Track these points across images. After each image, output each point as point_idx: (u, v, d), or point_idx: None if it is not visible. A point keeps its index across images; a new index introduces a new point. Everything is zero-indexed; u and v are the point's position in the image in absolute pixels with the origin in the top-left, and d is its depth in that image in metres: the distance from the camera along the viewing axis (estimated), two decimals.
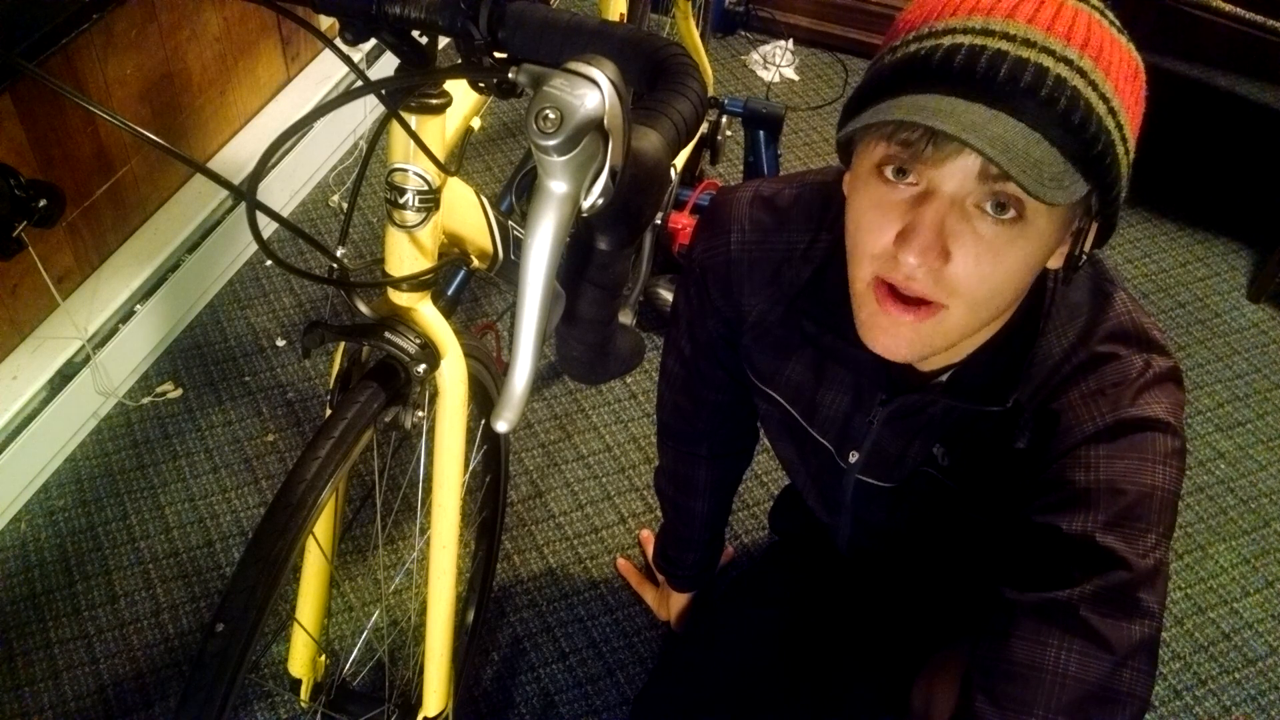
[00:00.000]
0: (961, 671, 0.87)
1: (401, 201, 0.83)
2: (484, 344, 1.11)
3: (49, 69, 1.40)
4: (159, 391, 1.70)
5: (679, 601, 1.43)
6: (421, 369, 0.89)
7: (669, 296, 1.81)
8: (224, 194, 1.81)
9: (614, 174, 0.58)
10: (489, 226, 1.03)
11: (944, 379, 0.87)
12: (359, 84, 0.67)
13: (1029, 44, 0.66)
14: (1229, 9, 1.94)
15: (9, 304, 1.49)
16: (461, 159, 0.95)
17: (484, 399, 1.12)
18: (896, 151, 0.70)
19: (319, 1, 0.72)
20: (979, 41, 0.66)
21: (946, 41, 0.67)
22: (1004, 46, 0.66)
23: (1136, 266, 2.15)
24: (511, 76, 0.66)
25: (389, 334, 0.88)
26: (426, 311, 0.91)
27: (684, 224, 1.84)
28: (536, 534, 1.58)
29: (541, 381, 1.79)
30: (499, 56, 0.70)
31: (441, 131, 0.82)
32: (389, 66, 1.53)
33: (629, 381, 1.81)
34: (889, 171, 0.71)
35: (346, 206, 1.20)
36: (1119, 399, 0.79)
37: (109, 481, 1.58)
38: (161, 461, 1.61)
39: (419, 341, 0.89)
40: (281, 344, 1.80)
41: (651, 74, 0.66)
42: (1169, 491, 0.79)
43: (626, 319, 1.75)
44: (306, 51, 2.05)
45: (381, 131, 0.82)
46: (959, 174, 0.68)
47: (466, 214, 0.99)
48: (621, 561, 1.55)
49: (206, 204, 1.79)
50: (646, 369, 1.82)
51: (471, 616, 1.34)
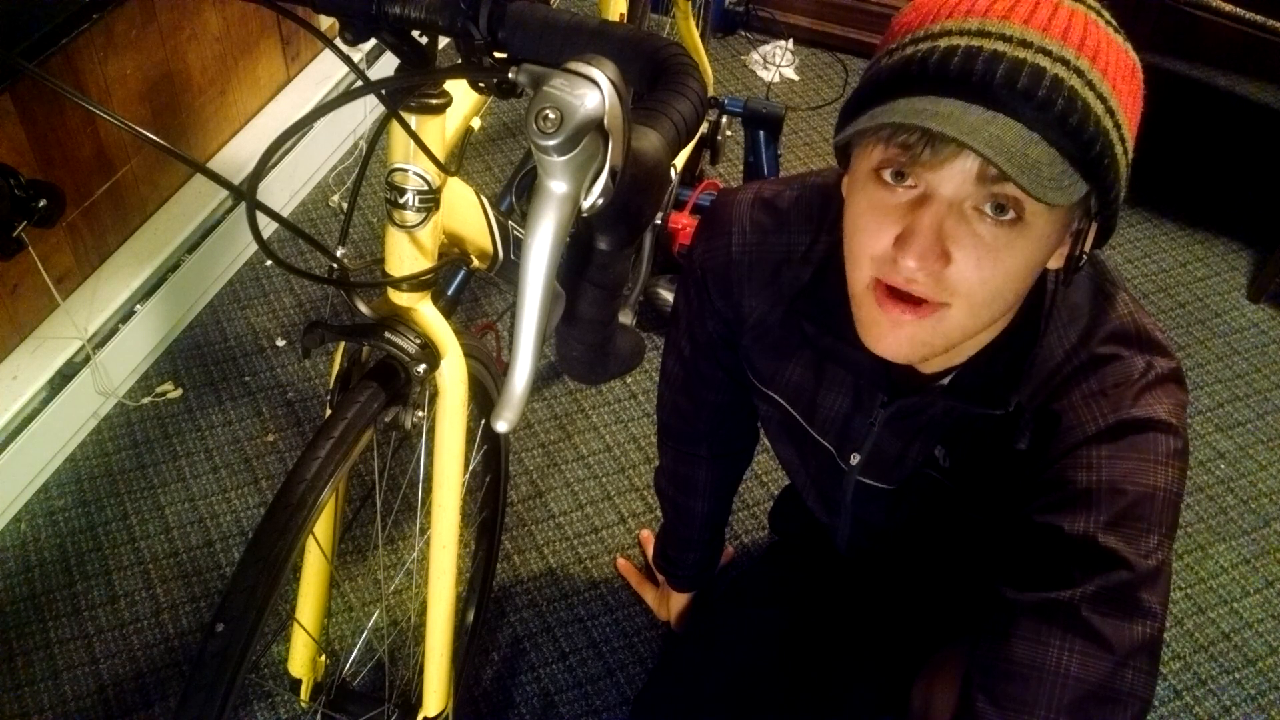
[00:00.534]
0: (961, 671, 0.87)
1: (401, 201, 0.83)
2: (484, 344, 1.10)
3: (49, 69, 1.40)
4: (159, 391, 1.70)
5: (679, 601, 1.43)
6: (421, 369, 0.89)
7: (669, 296, 1.81)
8: (224, 194, 1.81)
9: (614, 174, 0.58)
10: (489, 226, 1.03)
11: (945, 382, 0.87)
12: (359, 84, 0.67)
13: (1025, 45, 0.65)
14: (1229, 9, 1.94)
15: (9, 304, 1.49)
16: (461, 159, 0.95)
17: (484, 399, 1.12)
18: (894, 154, 0.69)
19: (319, 1, 0.72)
20: (975, 43, 0.66)
21: (943, 43, 0.67)
22: (1000, 48, 0.65)
23: (1136, 266, 2.14)
24: (511, 76, 0.66)
25: (389, 334, 0.88)
26: (426, 311, 0.91)
27: (684, 224, 1.84)
28: (536, 534, 1.58)
29: (541, 381, 1.79)
30: (499, 56, 0.70)
31: (441, 131, 0.82)
32: (389, 66, 1.53)
33: (629, 381, 1.81)
34: (887, 174, 0.71)
35: (346, 206, 1.20)
36: (1120, 400, 0.79)
37: (109, 481, 1.58)
38: (161, 461, 1.61)
39: (419, 341, 0.89)
40: (281, 344, 1.80)
41: (651, 74, 0.66)
42: (1171, 492, 0.78)
43: (626, 319, 1.75)
44: (306, 51, 2.05)
45: (381, 131, 0.82)
46: (957, 176, 0.68)
47: (466, 214, 0.99)
48: (621, 561, 1.55)
49: (206, 204, 1.79)
50: (646, 369, 1.82)
51: (471, 616, 1.34)
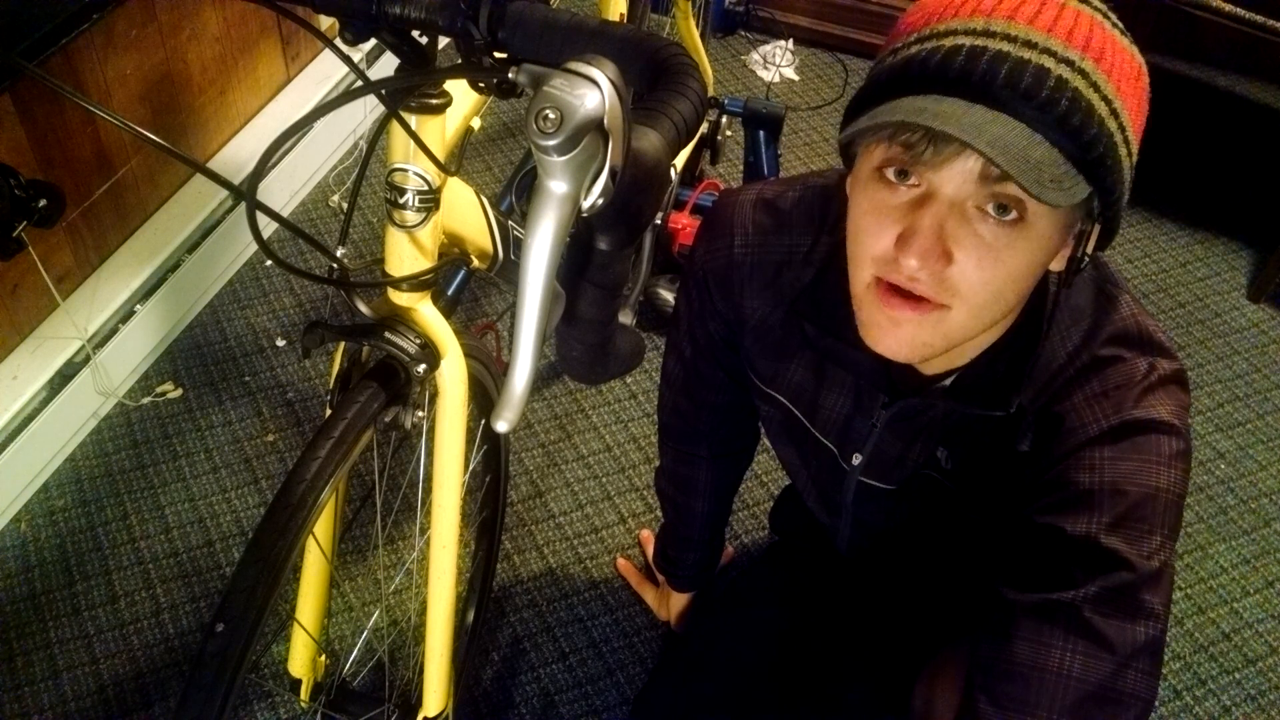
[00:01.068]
0: (962, 672, 0.87)
1: (401, 201, 0.83)
2: (484, 344, 1.10)
3: (49, 69, 1.40)
4: (159, 391, 1.70)
5: (679, 601, 1.43)
6: (421, 369, 0.89)
7: (669, 296, 1.81)
8: (224, 194, 1.81)
9: (614, 174, 0.58)
10: (489, 226, 1.02)
11: (946, 383, 0.86)
12: (359, 84, 0.67)
13: (1030, 45, 0.65)
14: (1229, 9, 1.94)
15: (9, 304, 1.49)
16: (461, 159, 0.95)
17: (484, 399, 1.12)
18: (897, 153, 0.69)
19: (319, 1, 0.71)
20: (980, 43, 0.66)
21: (947, 43, 0.67)
22: (1005, 48, 0.65)
23: (1136, 266, 2.14)
24: (511, 76, 0.66)
25: (389, 334, 0.88)
26: (426, 311, 0.91)
27: (684, 224, 1.83)
28: (536, 534, 1.58)
29: (541, 381, 1.79)
30: (499, 56, 0.70)
31: (441, 131, 0.82)
32: (389, 66, 1.53)
33: (629, 381, 1.81)
34: (890, 173, 0.71)
35: (346, 206, 1.20)
36: (1123, 401, 0.79)
37: (109, 481, 1.58)
38: (161, 461, 1.61)
39: (419, 341, 0.89)
40: (281, 344, 1.80)
41: (651, 74, 0.66)
42: (1173, 493, 0.78)
43: (626, 319, 1.75)
44: (306, 51, 2.05)
45: (381, 131, 0.82)
46: (959, 176, 0.68)
47: (466, 214, 0.99)
48: (621, 561, 1.55)
49: (206, 204, 1.79)
50: (646, 369, 1.82)
51: (471, 616, 1.34)
